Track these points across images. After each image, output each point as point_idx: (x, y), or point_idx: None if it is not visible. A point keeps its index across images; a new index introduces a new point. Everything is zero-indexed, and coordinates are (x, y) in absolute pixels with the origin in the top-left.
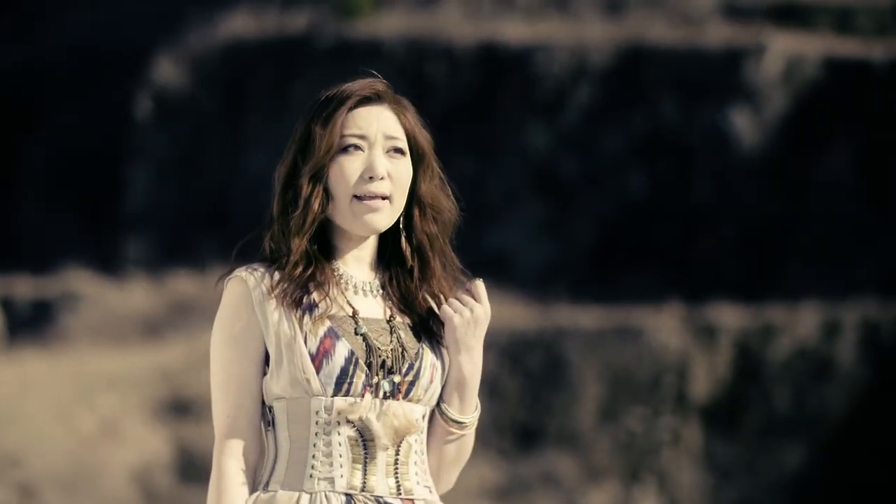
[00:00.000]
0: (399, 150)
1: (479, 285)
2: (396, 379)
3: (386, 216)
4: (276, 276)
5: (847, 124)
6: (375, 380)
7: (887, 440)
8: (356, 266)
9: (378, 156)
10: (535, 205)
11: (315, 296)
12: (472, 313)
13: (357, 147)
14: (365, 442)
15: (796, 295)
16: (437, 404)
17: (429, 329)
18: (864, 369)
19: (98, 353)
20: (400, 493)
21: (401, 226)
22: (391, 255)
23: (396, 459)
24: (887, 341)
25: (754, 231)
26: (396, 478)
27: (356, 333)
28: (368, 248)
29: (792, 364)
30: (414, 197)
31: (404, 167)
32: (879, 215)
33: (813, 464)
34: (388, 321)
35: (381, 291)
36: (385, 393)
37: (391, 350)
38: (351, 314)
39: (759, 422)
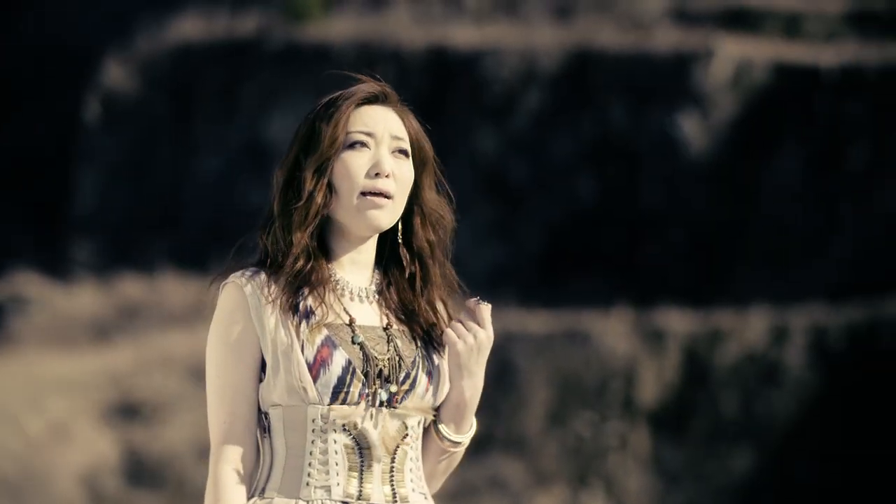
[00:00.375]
0: (404, 152)
1: (484, 309)
2: (393, 388)
3: (389, 214)
4: (272, 278)
5: (796, 129)
6: (372, 389)
7: (835, 445)
8: (352, 270)
9: (385, 154)
10: (484, 209)
11: (311, 302)
12: (476, 339)
13: (363, 144)
14: (361, 450)
15: (744, 300)
16: (435, 424)
17: (425, 337)
18: (813, 374)
19: (47, 357)
20: (396, 501)
21: (399, 232)
22: (388, 260)
23: (392, 467)
24: (835, 347)
25: (703, 236)
26: (392, 485)
27: (353, 342)
28: (366, 251)
29: (740, 369)
30: (415, 203)
31: (408, 169)
32: (828, 220)
33: (761, 469)
34: (385, 329)
35: (376, 297)
36: (381, 402)
37: (388, 359)
38: (348, 322)
39: (707, 427)
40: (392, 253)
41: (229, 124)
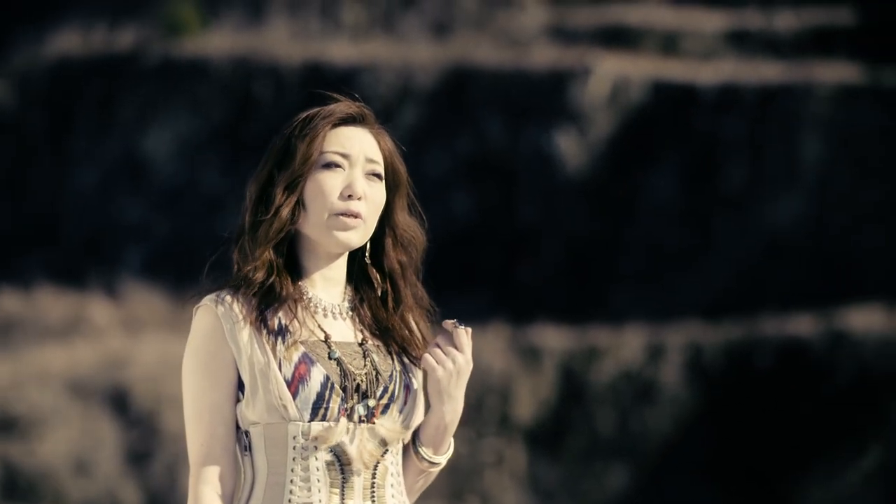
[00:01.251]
0: (377, 175)
1: (462, 334)
2: (371, 403)
3: (359, 235)
4: (242, 297)
5: (673, 147)
6: (350, 404)
7: (711, 462)
8: (324, 287)
9: (358, 176)
10: None
11: (285, 320)
12: (455, 364)
13: (338, 165)
14: (342, 466)
15: (621, 317)
16: (414, 444)
17: (401, 351)
18: (688, 392)
19: None
20: None
21: (367, 252)
22: (359, 279)
23: (373, 483)
24: (711, 364)
25: (579, 253)
26: (373, 500)
27: (330, 358)
28: (337, 268)
29: (616, 386)
30: (387, 225)
31: (380, 192)
32: (703, 238)
33: (636, 486)
34: (360, 344)
35: (350, 314)
36: (360, 417)
37: (365, 374)
38: (323, 339)
39: (583, 444)
40: (362, 271)
41: (107, 138)
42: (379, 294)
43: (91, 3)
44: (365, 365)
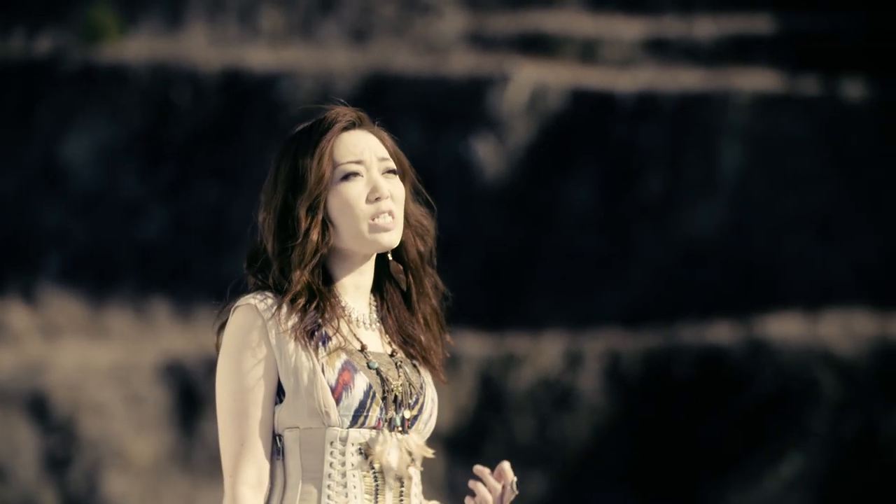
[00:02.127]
0: (393, 171)
1: (507, 471)
2: (407, 414)
3: (396, 233)
4: (286, 306)
5: (591, 154)
6: (389, 414)
7: (629, 470)
8: (355, 296)
9: (377, 177)
10: None
11: (323, 325)
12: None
13: (356, 173)
14: (375, 473)
15: (539, 324)
16: None
17: (424, 362)
18: (607, 399)
19: None
20: None
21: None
22: (379, 280)
23: (401, 491)
24: (630, 371)
25: (497, 260)
26: None
27: (369, 367)
28: (367, 274)
29: (534, 393)
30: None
31: (399, 186)
32: (622, 246)
33: (555, 493)
34: (391, 356)
35: (378, 325)
36: (396, 426)
37: (400, 385)
38: (360, 348)
39: (502, 451)
40: (381, 273)
41: (25, 144)
42: (403, 289)
43: (9, 9)
44: (399, 376)
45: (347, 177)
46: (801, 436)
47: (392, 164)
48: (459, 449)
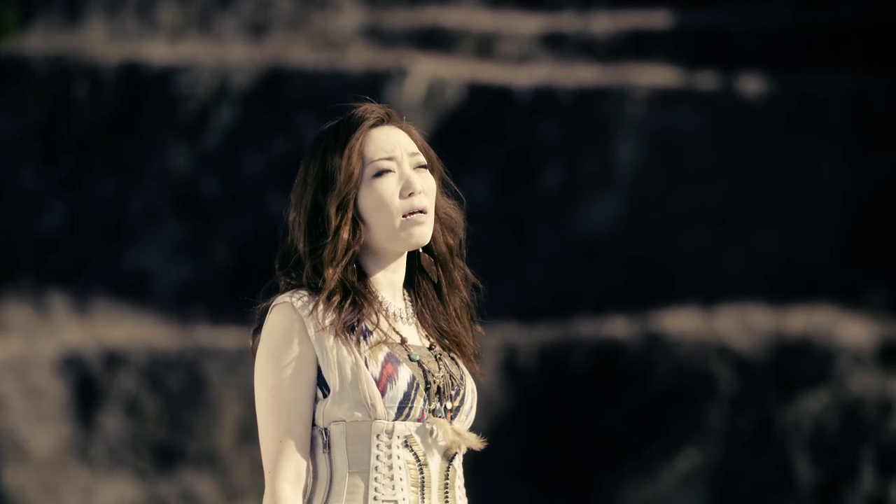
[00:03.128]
0: (423, 166)
1: None
2: (449, 405)
3: (429, 228)
4: (322, 304)
5: (488, 149)
6: (433, 405)
7: (525, 464)
8: (390, 292)
9: (409, 172)
10: (176, 225)
11: (363, 320)
12: None
13: (388, 170)
14: (420, 466)
15: None
16: None
17: (461, 355)
18: (502, 393)
19: None
20: None
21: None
22: (410, 275)
23: (445, 483)
24: (526, 366)
25: None
26: (447, 500)
27: (411, 359)
28: (400, 270)
29: None
30: None
31: (431, 180)
32: (519, 240)
33: None
34: (430, 349)
35: (414, 318)
36: (440, 418)
37: (442, 377)
38: (400, 341)
39: None
40: (411, 267)
41: None
42: (434, 282)
43: None
44: (440, 368)
45: (380, 174)
46: (697, 429)
47: (422, 159)
48: None
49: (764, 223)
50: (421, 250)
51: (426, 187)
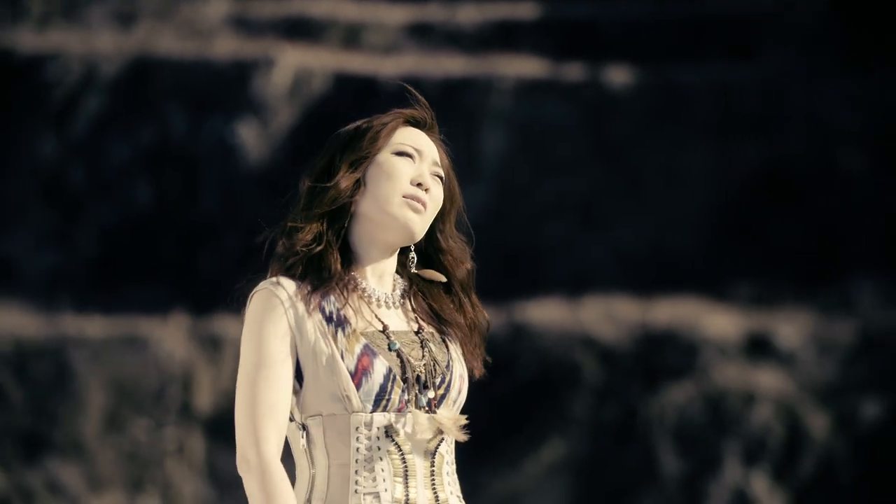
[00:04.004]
0: (440, 177)
1: None
2: (431, 394)
3: (422, 223)
4: (301, 286)
5: None
6: (412, 395)
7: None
8: (375, 281)
9: (426, 172)
10: (41, 213)
11: (342, 310)
12: None
13: (410, 155)
14: (403, 455)
15: None
16: None
17: (454, 338)
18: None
19: None
20: None
21: (413, 262)
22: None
23: (432, 471)
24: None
25: (260, 244)
26: (433, 489)
27: (390, 349)
28: (390, 263)
29: None
30: (438, 232)
31: (441, 192)
32: None
33: None
34: (417, 333)
35: (402, 302)
36: (420, 407)
37: (424, 364)
38: (381, 329)
39: None
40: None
41: None
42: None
43: None
44: (423, 356)
45: (402, 154)
46: (562, 420)
47: (441, 172)
48: (220, 431)
49: (630, 215)
50: (415, 269)
51: (434, 192)
